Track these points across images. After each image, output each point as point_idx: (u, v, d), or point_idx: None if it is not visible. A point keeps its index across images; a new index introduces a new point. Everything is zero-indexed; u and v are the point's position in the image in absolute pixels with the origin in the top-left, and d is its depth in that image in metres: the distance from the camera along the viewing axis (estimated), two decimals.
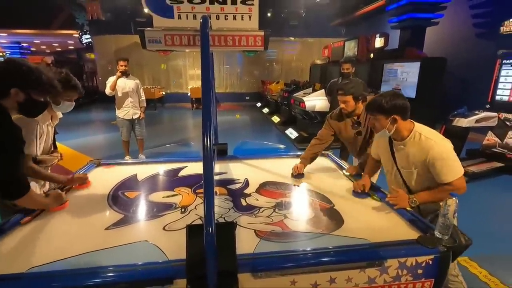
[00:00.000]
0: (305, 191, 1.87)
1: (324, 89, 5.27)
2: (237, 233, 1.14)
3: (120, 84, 4.47)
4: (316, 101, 5.85)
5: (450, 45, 7.77)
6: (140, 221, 1.46)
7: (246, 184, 1.91)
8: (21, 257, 1.14)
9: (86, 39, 14.42)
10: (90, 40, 14.10)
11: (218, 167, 2.19)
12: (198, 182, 1.89)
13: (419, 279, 1.17)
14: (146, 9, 1.94)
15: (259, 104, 12.63)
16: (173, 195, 1.73)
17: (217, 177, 2.02)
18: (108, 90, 4.49)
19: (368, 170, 2.00)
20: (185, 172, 2.15)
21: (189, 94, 12.29)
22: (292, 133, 6.86)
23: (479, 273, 2.28)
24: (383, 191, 1.77)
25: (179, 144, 6.40)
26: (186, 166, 2.23)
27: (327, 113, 2.50)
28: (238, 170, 2.17)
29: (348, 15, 11.96)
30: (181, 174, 2.12)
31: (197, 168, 2.16)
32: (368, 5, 10.37)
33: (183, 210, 1.54)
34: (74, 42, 16.83)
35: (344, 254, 1.14)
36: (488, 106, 4.84)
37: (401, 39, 7.20)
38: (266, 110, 10.92)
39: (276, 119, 8.82)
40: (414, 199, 1.54)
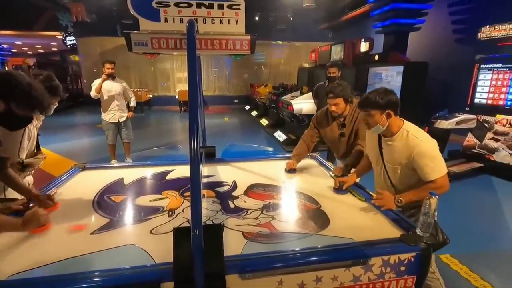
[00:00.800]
0: (292, 192, 1.90)
1: (311, 92, 5.35)
2: (224, 235, 1.15)
3: (106, 87, 4.41)
4: (303, 104, 5.93)
5: (432, 50, 8.05)
6: (126, 225, 1.44)
7: (234, 187, 1.91)
8: (2, 263, 1.10)
9: (70, 40, 14.09)
10: (74, 42, 13.80)
11: (206, 170, 2.18)
12: (186, 185, 1.88)
13: (402, 276, 1.21)
14: (132, 12, 1.93)
15: (247, 107, 12.68)
16: (160, 199, 1.72)
17: (205, 180, 2.01)
18: (93, 93, 4.41)
19: (359, 169, 2.02)
20: (173, 175, 2.14)
21: (177, 97, 12.22)
22: (280, 135, 6.92)
23: (460, 269, 2.37)
24: (368, 191, 1.81)
25: (166, 147, 6.34)
26: (174, 170, 2.22)
27: None
28: (226, 173, 2.17)
29: (335, 20, 12.23)
30: (169, 177, 2.11)
31: (185, 171, 2.13)
32: (354, 11, 10.64)
33: (170, 213, 1.53)
34: (57, 44, 16.38)
35: (330, 253, 1.17)
36: (467, 108, 5.04)
37: (385, 43, 7.40)
38: (254, 113, 10.97)
39: (264, 122, 8.88)
40: (400, 198, 1.57)
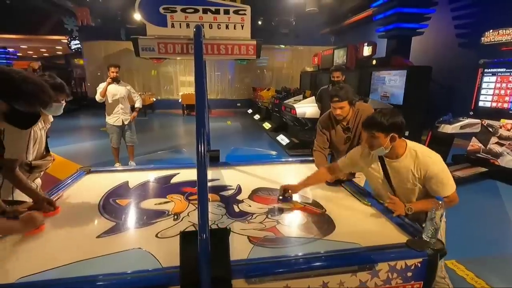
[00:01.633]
0: (297, 197, 1.90)
1: (314, 96, 5.35)
2: (230, 239, 1.15)
3: (110, 90, 4.45)
4: (306, 108, 5.93)
5: (435, 54, 8.05)
6: (132, 229, 1.45)
7: (238, 191, 1.92)
8: (11, 266, 1.12)
9: (75, 44, 14.24)
10: (79, 45, 13.95)
11: (210, 174, 2.19)
12: (191, 188, 1.89)
13: (409, 282, 1.20)
14: (139, 17, 1.96)
15: (250, 111, 12.69)
16: (165, 202, 1.72)
17: (210, 184, 2.02)
18: (98, 97, 4.46)
19: (309, 180, 1.87)
20: (177, 179, 2.14)
21: (180, 100, 12.26)
22: (283, 139, 6.92)
23: (466, 275, 2.34)
24: (375, 198, 1.80)
25: (170, 150, 6.36)
26: (178, 173, 2.23)
27: (318, 120, 2.55)
28: (231, 177, 2.18)
29: (337, 24, 12.28)
30: (173, 181, 2.11)
31: (190, 174, 2.16)
32: (357, 15, 10.68)
33: (175, 217, 1.54)
34: (62, 47, 16.61)
35: (336, 258, 1.16)
36: (471, 113, 5.02)
37: (388, 48, 7.41)
38: (257, 116, 10.98)
39: (267, 125, 8.88)
40: (411, 207, 1.59)
